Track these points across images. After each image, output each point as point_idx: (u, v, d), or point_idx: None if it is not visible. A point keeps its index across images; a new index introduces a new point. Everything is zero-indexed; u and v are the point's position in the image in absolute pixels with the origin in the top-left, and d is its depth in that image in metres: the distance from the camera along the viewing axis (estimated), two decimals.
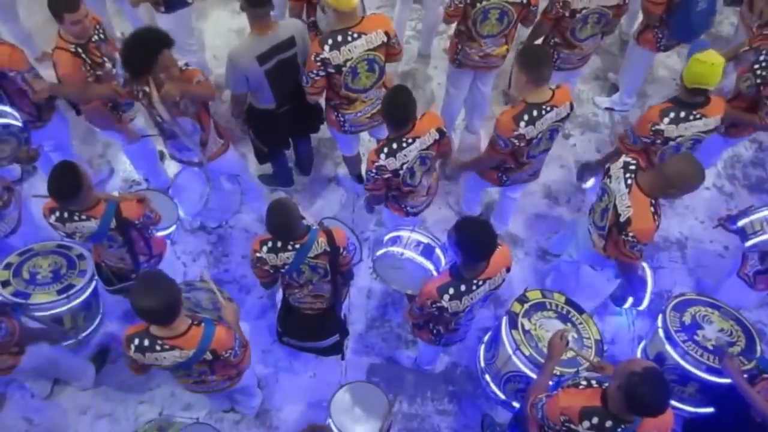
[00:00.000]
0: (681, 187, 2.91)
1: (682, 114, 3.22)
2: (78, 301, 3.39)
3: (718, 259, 4.26)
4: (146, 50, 2.98)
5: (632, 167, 3.01)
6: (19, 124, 3.23)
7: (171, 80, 3.07)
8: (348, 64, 3.27)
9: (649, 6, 3.95)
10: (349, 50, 3.24)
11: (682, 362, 3.17)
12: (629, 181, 2.96)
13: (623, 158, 3.08)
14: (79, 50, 3.36)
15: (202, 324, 2.60)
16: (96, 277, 3.44)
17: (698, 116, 3.23)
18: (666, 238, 4.30)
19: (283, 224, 2.80)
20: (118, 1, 4.72)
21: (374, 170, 3.09)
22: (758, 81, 3.47)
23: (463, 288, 2.72)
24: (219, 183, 4.04)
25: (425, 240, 3.07)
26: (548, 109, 3.15)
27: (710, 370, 3.12)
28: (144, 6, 4.28)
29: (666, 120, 3.22)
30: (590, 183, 3.92)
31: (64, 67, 3.34)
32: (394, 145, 3.04)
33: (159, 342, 2.54)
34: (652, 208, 2.92)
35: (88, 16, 3.31)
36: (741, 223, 3.39)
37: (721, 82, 3.39)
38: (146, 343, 2.55)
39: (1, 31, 4.50)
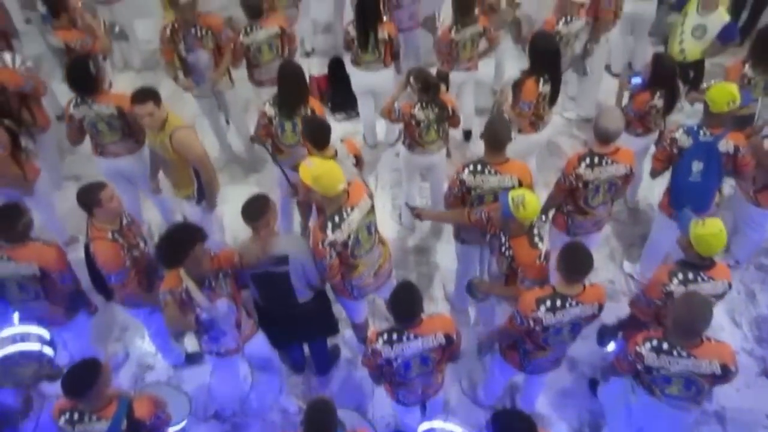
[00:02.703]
0: (699, 330, 2.95)
1: (691, 276, 3.24)
2: None
3: (762, 430, 3.99)
4: (181, 245, 3.09)
5: (665, 345, 2.96)
6: (38, 348, 3.26)
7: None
8: None
9: (653, 161, 4.17)
10: None
11: None
12: (686, 353, 2.97)
13: (643, 348, 3.01)
14: (116, 235, 3.48)
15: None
16: None
17: (707, 278, 3.24)
18: (704, 411, 4.03)
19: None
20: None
21: (369, 351, 3.09)
22: None
23: None
24: (225, 372, 3.89)
25: (458, 431, 2.95)
26: (574, 303, 3.14)
27: None
28: (170, 195, 4.55)
29: (675, 281, 3.24)
30: (611, 347, 3.82)
31: (104, 256, 3.44)
32: (394, 336, 3.03)
33: None
34: (713, 342, 3.01)
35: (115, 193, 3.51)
36: None
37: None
38: None
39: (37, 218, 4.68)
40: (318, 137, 3.76)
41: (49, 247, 3.52)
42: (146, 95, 3.85)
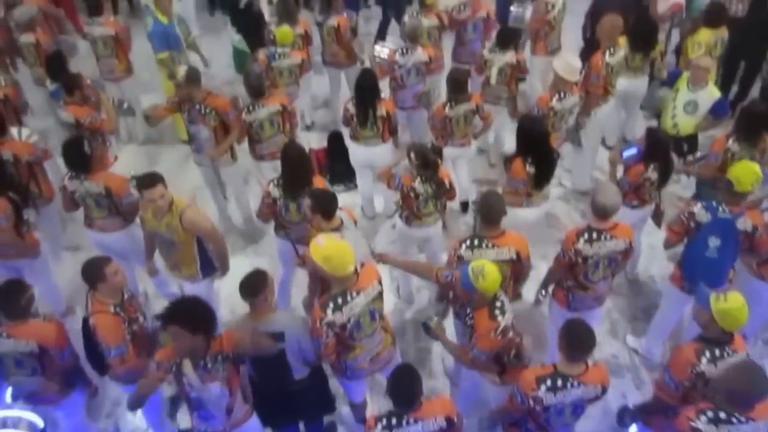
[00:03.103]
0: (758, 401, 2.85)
1: (717, 352, 3.17)
2: None
3: None
4: (180, 316, 3.04)
5: (722, 415, 2.84)
6: None
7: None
8: None
9: (669, 232, 4.15)
10: None
11: None
12: (745, 418, 2.84)
13: (699, 422, 2.86)
14: (118, 309, 3.46)
15: None
16: None
17: (731, 353, 3.19)
18: None
19: None
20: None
21: None
22: None
23: None
24: None
25: None
26: (576, 384, 3.07)
27: None
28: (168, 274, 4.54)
29: (704, 360, 3.16)
30: (633, 429, 3.69)
31: (105, 329, 3.40)
32: (394, 420, 2.94)
33: None
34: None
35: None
36: None
37: None
38: None
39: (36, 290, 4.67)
40: (325, 207, 3.80)
41: (49, 324, 3.50)
42: (153, 179, 3.88)
